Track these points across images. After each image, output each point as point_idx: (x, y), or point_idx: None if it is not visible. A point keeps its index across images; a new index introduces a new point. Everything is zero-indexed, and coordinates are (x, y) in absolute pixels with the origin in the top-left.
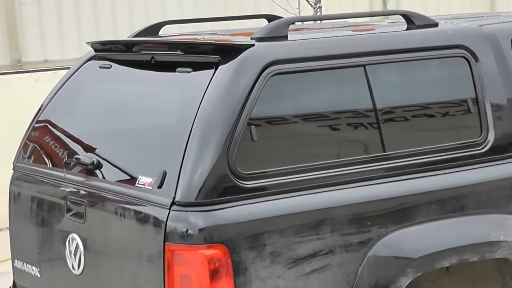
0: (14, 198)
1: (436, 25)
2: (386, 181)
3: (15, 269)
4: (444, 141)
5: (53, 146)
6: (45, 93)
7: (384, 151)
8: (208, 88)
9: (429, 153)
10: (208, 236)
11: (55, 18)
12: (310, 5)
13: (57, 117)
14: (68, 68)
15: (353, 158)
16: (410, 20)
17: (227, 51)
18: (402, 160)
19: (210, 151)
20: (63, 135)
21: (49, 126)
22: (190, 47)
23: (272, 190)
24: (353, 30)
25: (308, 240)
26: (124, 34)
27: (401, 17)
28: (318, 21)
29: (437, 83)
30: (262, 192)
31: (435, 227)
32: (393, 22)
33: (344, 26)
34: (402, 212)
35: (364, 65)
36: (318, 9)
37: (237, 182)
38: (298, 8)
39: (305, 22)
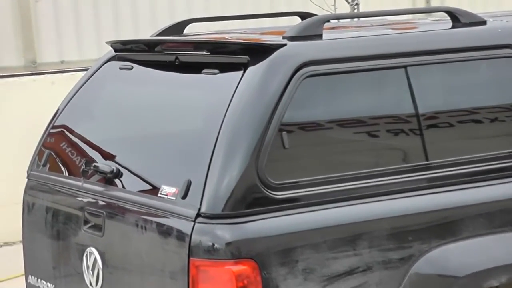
0: (28, 209)
1: (484, 23)
2: (429, 193)
3: (29, 285)
4: (493, 149)
5: (69, 153)
6: (62, 97)
7: (427, 160)
8: (236, 91)
9: (476, 162)
10: (236, 251)
11: (73, 16)
12: (347, 1)
13: (74, 122)
14: (86, 70)
15: (393, 167)
16: (456, 17)
17: (257, 51)
18: (446, 170)
19: (238, 158)
20: (80, 142)
21: (66, 132)
22: (217, 47)
23: (305, 201)
24: (394, 29)
25: (344, 256)
26: (146, 33)
27: (445, 14)
28: (356, 19)
29: (485, 85)
30: (294, 204)
31: (483, 243)
32: (437, 20)
33: (384, 24)
34: (447, 226)
35: (405, 67)
36: (356, 6)
37: (267, 193)
38: (334, 5)
39: (341, 20)
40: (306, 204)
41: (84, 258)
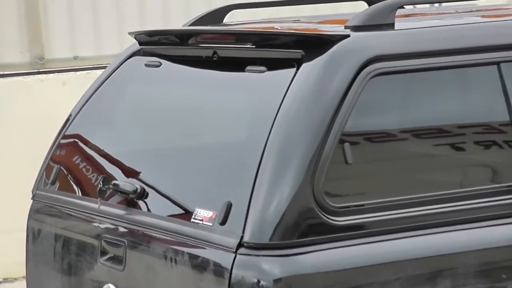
0: (33, 236)
1: None
2: None
3: None
4: None
5: (84, 169)
6: (75, 100)
7: None
8: (288, 92)
9: None
10: None
11: (88, 2)
12: None
13: (89, 130)
14: (104, 68)
15: (483, 187)
16: None
17: (314, 44)
18: None
19: (289, 176)
20: (97, 155)
21: (80, 143)
22: (264, 39)
23: (372, 229)
24: (484, 17)
25: None
26: (178, 22)
27: None
28: (436, 4)
29: None
30: (358, 232)
31: None
32: None
33: (472, 11)
34: None
35: (498, 63)
36: None
37: (326, 218)
38: None
39: (418, 6)
40: (373, 232)
41: None
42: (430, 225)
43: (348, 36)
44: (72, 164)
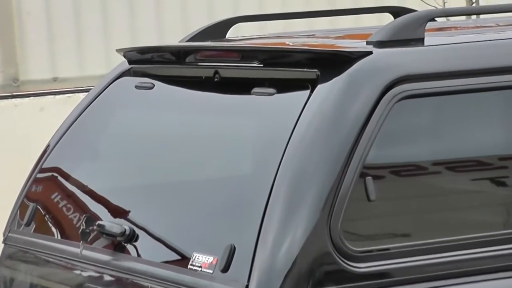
0: (4, 287)
1: None
2: None
3: None
4: None
5: (64, 208)
6: (54, 128)
7: None
8: (301, 118)
9: None
10: None
11: (70, 14)
12: None
13: (71, 163)
14: (88, 90)
15: None
16: None
17: (331, 63)
18: None
19: (302, 215)
20: (79, 191)
21: (59, 177)
22: (273, 57)
23: (398, 277)
24: None
25: None
26: (174, 38)
27: None
28: (473, 17)
29: None
30: (383, 281)
31: None
32: None
33: None
34: None
35: None
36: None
37: (345, 264)
38: None
39: (452, 18)
40: (400, 281)
41: None
42: (466, 272)
43: (370, 53)
44: (51, 202)
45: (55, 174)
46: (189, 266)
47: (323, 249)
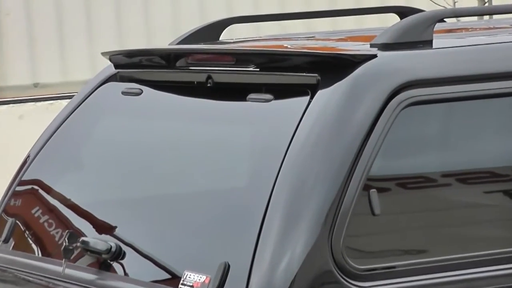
0: None
1: None
2: None
3: None
4: None
5: (45, 223)
6: (34, 137)
7: None
8: (300, 126)
9: None
10: None
11: (52, 15)
12: None
13: (52, 175)
14: (71, 97)
15: None
16: None
17: (332, 67)
18: None
19: (302, 230)
20: (62, 205)
21: (40, 191)
22: (270, 61)
23: None
24: None
25: None
26: (164, 40)
27: None
28: (485, 17)
29: None
30: None
31: None
32: None
33: None
34: None
35: None
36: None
37: (347, 283)
38: None
39: (462, 19)
40: None
41: None
42: None
43: (375, 56)
44: (31, 217)
45: (36, 187)
46: (180, 286)
47: (324, 267)
